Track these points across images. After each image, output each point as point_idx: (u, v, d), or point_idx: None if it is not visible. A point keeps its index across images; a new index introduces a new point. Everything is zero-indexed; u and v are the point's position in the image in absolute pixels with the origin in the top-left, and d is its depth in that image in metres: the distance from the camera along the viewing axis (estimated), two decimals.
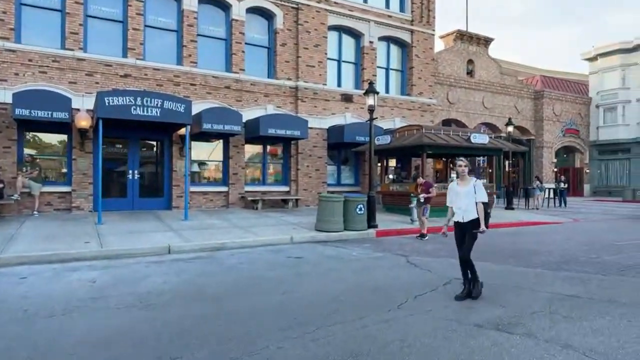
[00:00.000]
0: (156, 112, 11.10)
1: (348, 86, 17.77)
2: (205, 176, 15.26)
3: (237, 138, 14.93)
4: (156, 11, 14.08)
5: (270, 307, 4.96)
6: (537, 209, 19.07)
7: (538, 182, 20.71)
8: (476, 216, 5.26)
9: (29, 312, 4.68)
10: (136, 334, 4.13)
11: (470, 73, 23.25)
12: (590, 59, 31.00)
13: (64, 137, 12.84)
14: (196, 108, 13.35)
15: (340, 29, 17.63)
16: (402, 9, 19.06)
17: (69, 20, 12.63)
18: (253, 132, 14.45)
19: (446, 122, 21.89)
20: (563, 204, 21.11)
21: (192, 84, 14.32)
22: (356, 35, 17.99)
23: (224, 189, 14.95)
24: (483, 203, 5.26)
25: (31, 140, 12.71)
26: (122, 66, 13.26)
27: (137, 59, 13.46)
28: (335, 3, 17.06)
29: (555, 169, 27.53)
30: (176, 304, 5.08)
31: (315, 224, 10.99)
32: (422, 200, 10.97)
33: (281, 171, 16.53)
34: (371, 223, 11.27)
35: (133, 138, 13.58)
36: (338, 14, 17.18)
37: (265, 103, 15.62)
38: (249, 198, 14.77)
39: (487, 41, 23.88)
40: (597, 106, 29.74)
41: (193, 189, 14.15)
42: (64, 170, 12.89)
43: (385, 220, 12.75)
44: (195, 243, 8.77)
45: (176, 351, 3.73)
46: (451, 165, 18.64)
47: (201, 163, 15.16)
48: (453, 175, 16.74)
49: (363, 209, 11.01)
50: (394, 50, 19.26)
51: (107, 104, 10.56)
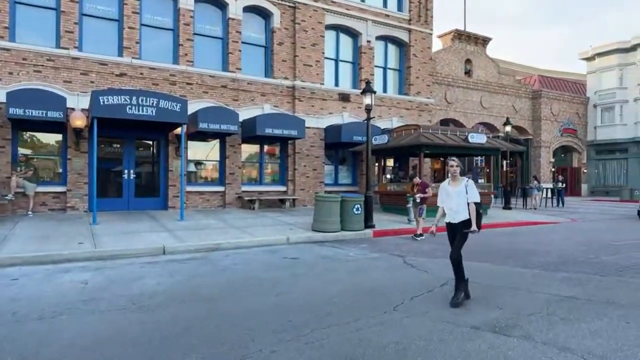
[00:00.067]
0: (151, 112, 11.01)
1: (345, 86, 17.70)
2: (201, 176, 15.17)
3: (234, 138, 14.84)
4: (152, 10, 13.98)
5: (264, 309, 4.89)
6: (535, 209, 19.05)
7: (536, 182, 20.69)
8: (467, 217, 5.17)
9: (18, 315, 4.59)
10: (127, 337, 4.05)
11: (468, 73, 23.22)
12: (587, 59, 31.03)
13: (59, 137, 12.74)
14: (192, 107, 13.27)
15: (337, 28, 17.56)
16: (400, 8, 19.00)
17: (64, 18, 12.53)
18: (250, 132, 14.37)
19: (444, 122, 21.87)
20: (561, 204, 21.09)
21: (189, 83, 14.23)
22: (354, 34, 17.92)
23: (221, 189, 14.87)
24: (475, 203, 5.17)
25: (26, 140, 12.61)
26: (118, 65, 13.17)
27: (133, 58, 13.37)
28: (332, 2, 16.98)
29: (553, 169, 27.54)
30: (169, 306, 5.00)
31: (312, 224, 10.92)
32: (418, 200, 10.91)
33: (278, 171, 16.46)
34: (368, 223, 11.21)
35: (129, 137, 13.49)
36: (335, 13, 17.11)
37: (262, 102, 15.54)
38: (246, 198, 14.69)
39: (485, 41, 23.87)
40: (595, 106, 29.76)
41: (189, 189, 14.08)
42: (59, 170, 12.79)
43: (382, 220, 12.69)
44: (190, 243, 8.69)
45: (167, 355, 3.66)
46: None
47: (197, 163, 15.08)
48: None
49: (360, 209, 10.94)
50: (392, 49, 19.19)
51: (102, 103, 10.48)
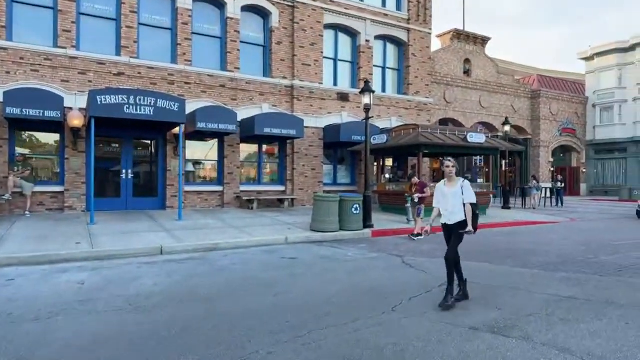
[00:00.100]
0: (149, 111, 10.97)
1: (344, 85, 17.66)
2: (200, 176, 15.12)
3: (232, 137, 14.80)
4: (150, 9, 13.92)
5: (262, 310, 4.86)
6: (534, 209, 19.03)
7: (535, 182, 20.67)
8: (463, 218, 5.09)
9: (14, 316, 4.56)
10: (123, 338, 4.01)
11: (467, 72, 23.20)
12: (586, 59, 31.02)
13: (57, 137, 12.69)
14: (190, 107, 13.22)
15: (336, 28, 17.52)
16: (399, 8, 18.97)
17: (62, 18, 12.48)
18: (248, 132, 14.33)
19: (443, 122, 21.85)
20: (560, 204, 21.08)
21: (187, 83, 14.19)
22: (352, 33, 17.88)
23: (219, 189, 14.82)
24: (471, 204, 5.08)
25: (23, 139, 12.56)
26: (116, 64, 13.12)
27: (131, 58, 13.32)
28: (331, 1, 16.94)
29: (552, 169, 27.54)
30: (166, 306, 4.97)
31: (310, 224, 10.88)
32: (417, 200, 10.89)
33: (277, 171, 16.42)
34: (367, 223, 11.18)
35: (126, 137, 13.44)
36: (334, 13, 17.07)
37: (260, 102, 15.50)
38: (245, 198, 14.65)
39: (484, 40, 23.84)
40: (594, 105, 29.77)
41: (188, 189, 14.05)
42: (57, 169, 12.73)
43: (381, 220, 12.66)
44: (188, 243, 8.65)
45: (163, 356, 3.63)
46: None
47: (196, 162, 15.03)
48: None
49: (359, 209, 10.91)
50: (391, 49, 19.16)
51: (100, 103, 10.43)
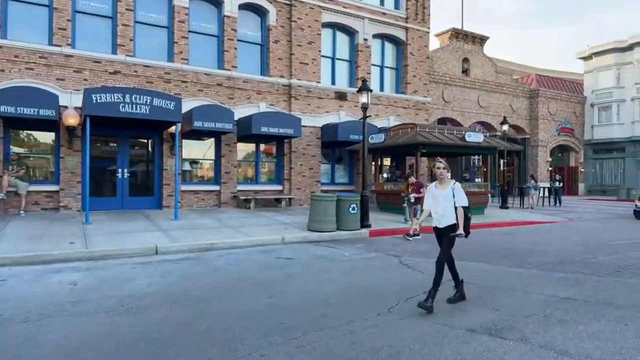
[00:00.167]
0: (145, 110, 10.88)
1: (342, 84, 17.59)
2: (196, 175, 15.04)
3: (229, 136, 14.72)
4: (146, 7, 13.83)
5: (256, 311, 4.79)
6: (532, 208, 19.00)
7: (533, 181, 20.62)
8: (454, 221, 4.95)
9: (3, 317, 4.47)
10: (114, 341, 3.94)
11: (465, 71, 23.15)
12: (585, 58, 31.01)
13: (52, 135, 12.60)
14: (187, 105, 13.14)
15: (334, 26, 17.44)
16: (397, 7, 18.90)
17: (57, 15, 12.38)
18: (245, 131, 14.25)
19: (441, 121, 21.81)
20: (558, 203, 21.05)
21: (183, 81, 14.10)
22: (350, 32, 17.81)
23: (216, 188, 14.74)
24: (463, 207, 4.95)
25: (18, 138, 12.46)
26: (112, 63, 13.02)
27: (127, 56, 13.22)
28: (329, 0, 16.87)
29: (550, 168, 27.52)
30: (159, 308, 4.90)
31: (307, 224, 10.82)
32: (413, 200, 10.83)
33: (274, 170, 16.34)
34: (364, 223, 11.11)
35: (122, 136, 13.35)
36: (332, 11, 16.99)
37: (258, 101, 15.42)
38: (241, 197, 14.57)
39: (483, 40, 23.80)
40: (592, 105, 29.76)
41: (184, 188, 13.96)
42: (52, 168, 12.64)
43: (378, 219, 12.60)
44: (183, 243, 8.58)
45: (154, 359, 3.56)
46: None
47: (192, 162, 14.94)
48: (448, 174, 16.59)
49: (356, 209, 10.85)
50: (389, 48, 19.09)
51: (95, 101, 10.35)
